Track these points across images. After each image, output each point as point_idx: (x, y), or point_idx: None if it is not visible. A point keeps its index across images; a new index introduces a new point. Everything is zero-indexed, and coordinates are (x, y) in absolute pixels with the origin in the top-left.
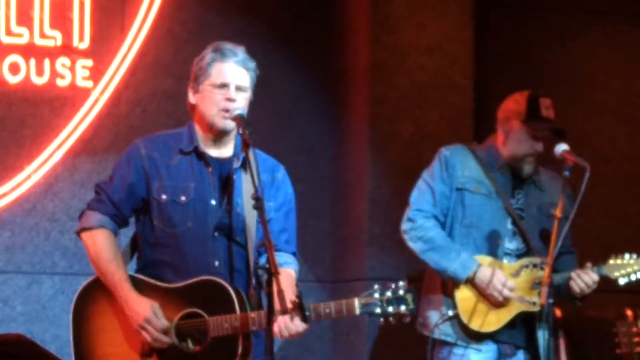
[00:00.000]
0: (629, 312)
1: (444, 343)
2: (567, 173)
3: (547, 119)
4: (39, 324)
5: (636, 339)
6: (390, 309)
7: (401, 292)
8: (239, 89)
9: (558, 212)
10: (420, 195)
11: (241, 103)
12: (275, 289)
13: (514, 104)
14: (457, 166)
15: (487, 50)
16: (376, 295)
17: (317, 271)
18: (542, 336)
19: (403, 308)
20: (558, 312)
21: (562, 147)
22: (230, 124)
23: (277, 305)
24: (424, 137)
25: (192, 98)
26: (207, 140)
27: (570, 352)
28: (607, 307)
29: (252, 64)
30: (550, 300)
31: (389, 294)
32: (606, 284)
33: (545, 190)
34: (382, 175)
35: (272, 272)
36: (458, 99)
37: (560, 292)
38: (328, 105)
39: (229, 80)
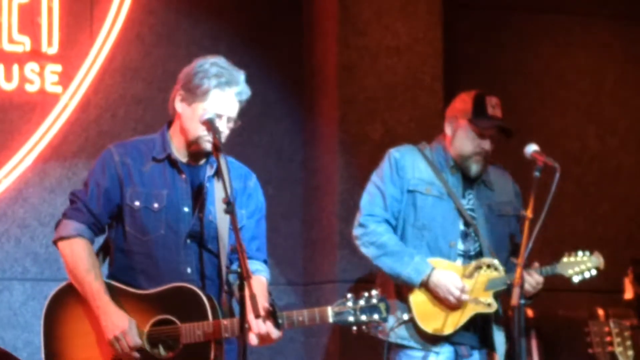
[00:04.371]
0: (601, 312)
1: (401, 347)
2: (537, 173)
3: (494, 117)
4: (10, 330)
5: (608, 339)
6: (364, 317)
7: (374, 300)
8: (229, 119)
9: (529, 213)
10: (371, 200)
11: (226, 131)
12: (247, 293)
13: (461, 103)
14: (407, 168)
15: (456, 51)
16: (349, 303)
17: (289, 274)
18: (498, 337)
19: (376, 317)
20: (530, 312)
21: (532, 148)
22: (210, 148)
23: (250, 310)
24: (394, 138)
25: (179, 106)
26: (182, 149)
27: (542, 352)
28: (579, 307)
29: (247, 96)
30: (522, 301)
31: (362, 302)
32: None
33: (494, 189)
34: (352, 177)
35: (244, 276)
36: (428, 100)
37: (508, 292)
38: (297, 108)
39: (224, 113)
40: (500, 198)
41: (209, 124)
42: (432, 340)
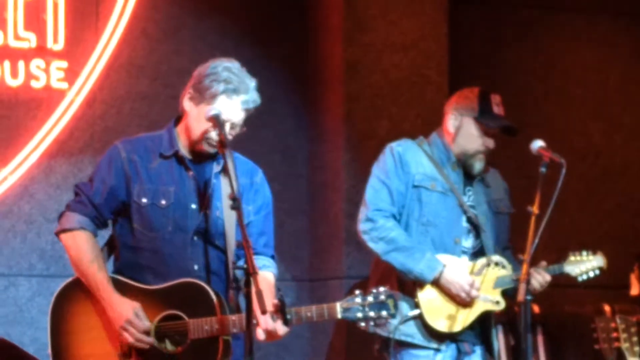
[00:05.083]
0: (607, 308)
1: (404, 344)
2: (543, 169)
3: (499, 116)
4: (16, 327)
5: (614, 334)
6: (372, 313)
7: (382, 297)
8: (233, 126)
9: (535, 209)
10: (377, 194)
11: (229, 137)
12: (253, 289)
13: (465, 100)
14: (411, 163)
15: (461, 46)
16: (358, 300)
17: (295, 270)
18: (495, 335)
19: (384, 313)
20: (536, 308)
21: (538, 144)
22: (214, 150)
23: (256, 306)
24: (400, 134)
25: (187, 104)
26: (189, 146)
27: (548, 348)
28: (585, 303)
29: (254, 105)
30: (528, 297)
31: (370, 298)
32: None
33: (490, 186)
34: (358, 173)
35: (250, 272)
36: (434, 96)
37: (515, 289)
38: (303, 104)
39: (228, 119)
40: (496, 195)
41: (215, 120)
42: (437, 337)
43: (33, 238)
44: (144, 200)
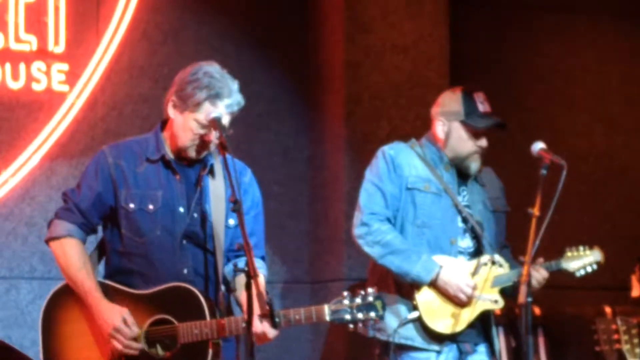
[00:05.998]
0: (608, 309)
1: (405, 348)
2: (544, 171)
3: (486, 114)
4: (17, 329)
5: (615, 336)
6: (360, 315)
7: (370, 298)
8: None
9: (536, 211)
10: (371, 198)
11: (216, 141)
12: (254, 291)
13: (449, 103)
14: (404, 165)
15: (462, 49)
16: (346, 302)
17: (296, 272)
18: (496, 333)
19: (372, 314)
20: (537, 310)
21: (539, 146)
22: (199, 156)
23: (256, 308)
24: (401, 136)
25: (171, 112)
26: (174, 151)
27: (549, 350)
28: (586, 305)
29: (238, 107)
30: (529, 299)
31: (358, 300)
32: (585, 281)
33: (485, 185)
34: (358, 175)
35: (251, 274)
36: (434, 98)
37: (512, 289)
38: (303, 106)
39: None
40: (491, 194)
41: (216, 123)
42: (438, 339)
43: (34, 241)
44: (132, 205)
